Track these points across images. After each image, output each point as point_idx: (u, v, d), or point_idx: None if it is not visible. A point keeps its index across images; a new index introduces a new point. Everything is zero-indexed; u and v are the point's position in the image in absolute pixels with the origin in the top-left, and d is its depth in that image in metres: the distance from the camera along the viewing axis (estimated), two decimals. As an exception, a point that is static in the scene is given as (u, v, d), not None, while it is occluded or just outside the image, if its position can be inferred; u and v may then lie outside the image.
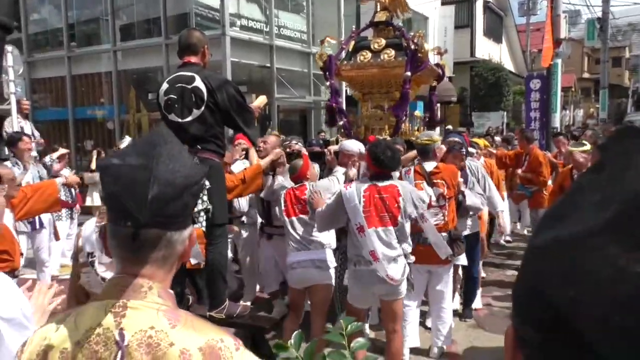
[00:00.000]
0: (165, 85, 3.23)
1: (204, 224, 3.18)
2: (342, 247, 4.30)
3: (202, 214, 3.16)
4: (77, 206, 7.36)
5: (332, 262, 3.93)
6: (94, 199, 8.72)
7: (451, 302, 4.30)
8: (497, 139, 10.47)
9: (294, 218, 3.88)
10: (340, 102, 5.45)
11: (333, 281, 3.99)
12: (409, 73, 4.91)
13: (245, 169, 4.17)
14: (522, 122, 19.35)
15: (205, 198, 3.14)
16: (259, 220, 4.84)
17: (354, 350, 1.09)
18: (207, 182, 3.11)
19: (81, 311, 0.99)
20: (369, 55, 5.19)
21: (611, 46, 26.39)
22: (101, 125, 14.36)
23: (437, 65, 5.75)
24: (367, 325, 4.44)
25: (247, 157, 4.63)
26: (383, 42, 5.22)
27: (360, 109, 5.70)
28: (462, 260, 4.50)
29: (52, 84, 14.89)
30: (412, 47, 4.92)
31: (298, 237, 3.83)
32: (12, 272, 3.35)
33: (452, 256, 3.98)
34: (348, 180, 4.15)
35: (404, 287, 3.49)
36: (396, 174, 3.90)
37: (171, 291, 1.05)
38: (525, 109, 9.75)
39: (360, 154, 4.26)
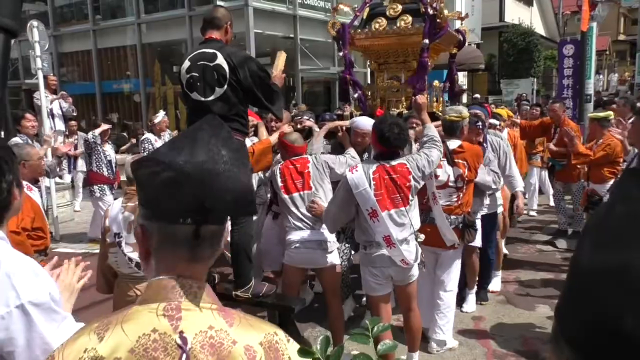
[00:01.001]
0: (187, 63, 3.18)
1: None
2: (348, 230, 4.17)
3: None
4: (116, 183, 7.43)
5: (335, 241, 3.72)
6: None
7: (455, 290, 4.01)
8: (526, 107, 10.11)
9: (295, 194, 3.62)
10: (354, 74, 5.17)
11: (339, 260, 3.81)
12: (427, 41, 4.59)
13: (254, 143, 3.98)
14: (554, 89, 18.78)
15: None
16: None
17: (381, 353, 1.06)
18: None
19: (125, 317, 0.93)
20: (384, 22, 4.86)
21: (650, 6, 25.12)
22: (127, 99, 14.49)
23: (457, 31, 5.33)
24: None
25: (256, 133, 4.49)
26: (399, 7, 4.88)
27: (375, 80, 5.40)
28: (477, 241, 4.23)
29: (78, 57, 15.03)
30: (431, 12, 4.56)
31: (300, 215, 3.60)
32: (45, 250, 3.43)
33: (458, 244, 3.80)
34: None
35: (416, 269, 3.36)
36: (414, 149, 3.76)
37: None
38: (558, 76, 9.39)
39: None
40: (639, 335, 0.44)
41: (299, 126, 4.59)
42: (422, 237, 3.42)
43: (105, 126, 7.36)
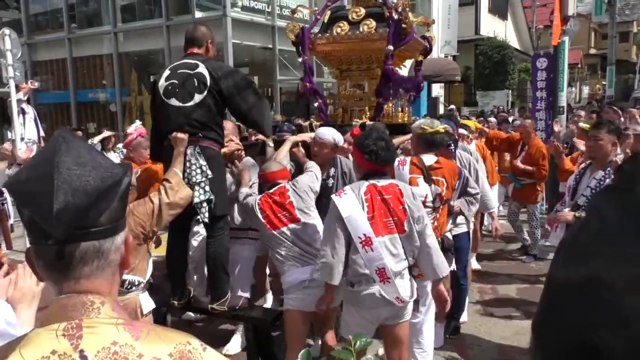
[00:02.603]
0: (166, 72, 3.18)
1: (207, 215, 3.13)
2: None
3: (204, 204, 3.11)
4: None
5: None
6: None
7: (433, 316, 3.58)
8: (492, 119, 10.28)
9: (284, 229, 3.15)
10: (314, 82, 4.82)
11: None
12: (391, 47, 4.30)
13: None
14: (528, 101, 19.15)
15: (207, 188, 3.09)
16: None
17: (358, 350, 1.04)
18: (209, 172, 3.07)
19: (24, 340, 0.89)
20: (346, 26, 4.56)
21: (619, 21, 25.91)
22: (103, 108, 14.29)
23: (424, 37, 5.05)
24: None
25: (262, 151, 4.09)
26: (363, 11, 4.60)
27: (337, 89, 5.02)
28: (451, 265, 3.70)
29: (53, 66, 14.79)
30: (396, 16, 4.27)
31: (298, 249, 3.12)
32: None
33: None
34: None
35: (410, 307, 2.91)
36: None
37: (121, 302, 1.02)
38: (532, 88, 9.58)
39: (335, 145, 3.64)
40: (610, 347, 0.44)
41: (252, 138, 4.20)
42: (417, 271, 2.95)
43: (107, 133, 7.22)
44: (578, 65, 33.30)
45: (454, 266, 3.86)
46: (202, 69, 3.08)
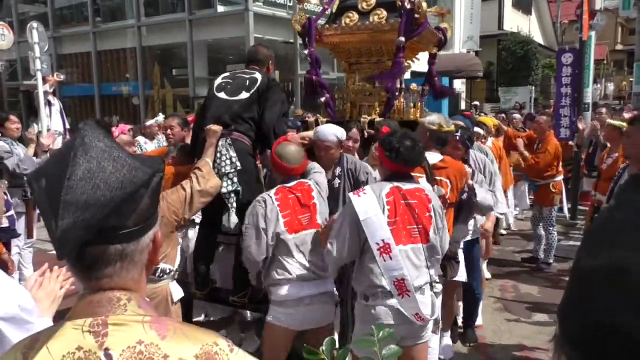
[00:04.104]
0: (226, 73, 3.47)
1: (234, 205, 3.18)
2: (346, 276, 3.14)
3: (232, 195, 3.18)
4: None
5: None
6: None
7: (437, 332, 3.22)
8: (517, 116, 9.97)
9: (302, 233, 2.81)
10: (321, 75, 4.55)
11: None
12: (402, 38, 4.05)
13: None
14: (551, 97, 18.86)
15: (235, 180, 3.16)
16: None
17: (385, 357, 1.04)
18: (238, 164, 3.15)
19: (51, 334, 0.89)
20: (355, 17, 4.32)
21: (647, 16, 25.29)
22: (126, 101, 14.48)
23: (438, 28, 4.77)
24: None
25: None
26: (373, 0, 4.34)
27: (346, 82, 4.77)
28: (461, 275, 3.69)
29: (78, 59, 15.02)
30: (408, 6, 4.03)
31: (306, 262, 2.80)
32: None
33: (441, 277, 3.03)
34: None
35: (430, 327, 2.65)
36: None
37: (148, 299, 0.99)
38: (556, 84, 9.41)
39: (340, 142, 3.36)
40: (634, 333, 0.46)
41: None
42: (439, 287, 2.74)
43: (125, 126, 7.31)
44: (604, 61, 32.61)
45: (465, 277, 3.75)
46: (257, 75, 3.35)
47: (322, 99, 4.44)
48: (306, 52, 4.45)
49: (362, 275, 2.54)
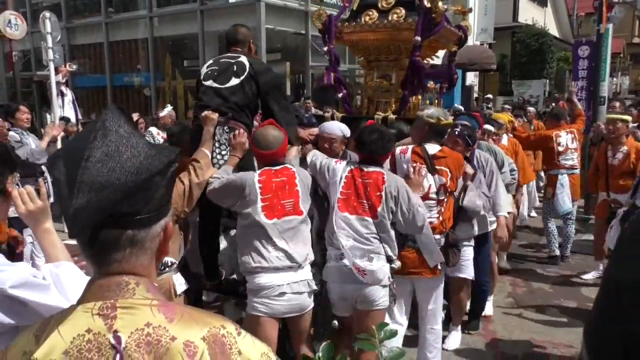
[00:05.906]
0: (209, 61, 3.35)
1: None
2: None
3: None
4: None
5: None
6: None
7: (441, 322, 3.49)
8: (531, 109, 9.76)
9: (284, 219, 2.81)
10: (339, 71, 4.68)
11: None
12: (418, 37, 4.11)
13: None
14: (565, 91, 18.62)
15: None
16: None
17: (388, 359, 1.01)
18: None
19: (62, 318, 0.92)
20: (375, 15, 4.39)
21: (666, 9, 24.82)
22: (138, 92, 14.53)
23: (459, 27, 4.80)
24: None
25: None
26: None
27: (364, 79, 4.86)
28: (469, 272, 3.77)
29: (90, 50, 15.08)
30: (427, 4, 4.09)
31: (287, 249, 2.78)
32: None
33: (443, 264, 3.25)
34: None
35: (384, 297, 2.88)
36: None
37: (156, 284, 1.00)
38: (572, 77, 9.27)
39: (344, 137, 3.53)
40: None
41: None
42: (397, 264, 2.98)
43: (135, 117, 7.34)
44: (620, 54, 32.09)
45: (472, 274, 3.81)
46: (242, 59, 3.23)
47: (340, 95, 4.63)
48: (325, 49, 4.56)
49: (328, 235, 2.97)
